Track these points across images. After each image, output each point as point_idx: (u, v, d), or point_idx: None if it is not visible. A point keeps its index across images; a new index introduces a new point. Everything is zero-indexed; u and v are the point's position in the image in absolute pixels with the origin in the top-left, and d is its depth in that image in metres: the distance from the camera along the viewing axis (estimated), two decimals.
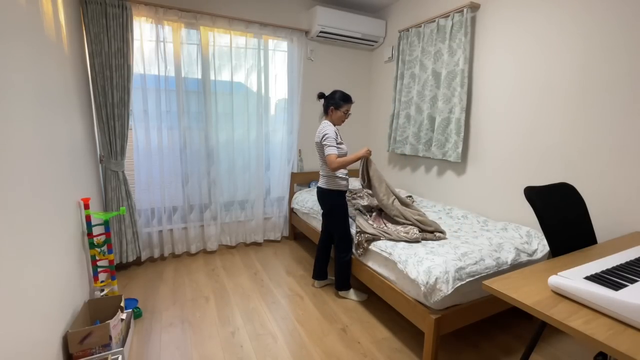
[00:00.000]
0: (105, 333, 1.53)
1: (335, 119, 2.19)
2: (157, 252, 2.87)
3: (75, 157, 1.84)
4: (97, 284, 1.92)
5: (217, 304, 2.20)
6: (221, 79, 2.90)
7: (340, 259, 2.21)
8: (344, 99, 2.18)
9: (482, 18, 2.41)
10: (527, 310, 0.93)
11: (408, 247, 1.79)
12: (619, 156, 1.74)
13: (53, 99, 1.53)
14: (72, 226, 1.70)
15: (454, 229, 2.14)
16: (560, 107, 1.98)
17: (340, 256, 2.20)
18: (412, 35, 2.91)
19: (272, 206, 3.34)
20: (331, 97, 2.19)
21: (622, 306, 0.83)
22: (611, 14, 1.73)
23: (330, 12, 3.03)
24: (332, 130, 2.11)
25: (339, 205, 2.21)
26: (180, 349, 1.77)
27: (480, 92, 2.46)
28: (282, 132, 3.25)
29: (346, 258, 2.19)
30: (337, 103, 2.16)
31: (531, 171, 2.15)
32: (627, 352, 0.74)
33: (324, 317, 2.09)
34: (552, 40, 1.99)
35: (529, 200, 1.35)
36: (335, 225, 2.21)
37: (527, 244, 1.89)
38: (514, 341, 1.87)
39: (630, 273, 1.03)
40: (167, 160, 2.80)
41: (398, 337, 1.91)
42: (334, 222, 2.23)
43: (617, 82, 1.72)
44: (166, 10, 2.57)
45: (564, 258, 1.24)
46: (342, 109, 2.17)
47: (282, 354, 1.74)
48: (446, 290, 1.48)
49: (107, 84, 2.36)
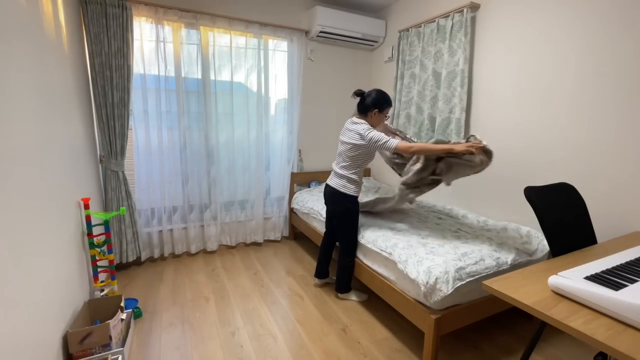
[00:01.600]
0: (105, 333, 1.53)
1: (376, 122, 2.05)
2: (157, 252, 2.87)
3: (75, 157, 1.84)
4: (97, 284, 1.92)
5: (217, 304, 2.20)
6: (221, 79, 2.90)
7: (345, 262, 2.17)
8: (388, 100, 2.05)
9: (482, 18, 2.41)
10: (527, 310, 0.93)
11: (408, 247, 1.79)
12: (619, 156, 1.74)
13: (53, 99, 1.53)
14: (72, 226, 1.70)
15: (454, 229, 2.14)
16: (560, 107, 1.98)
17: (345, 260, 2.16)
18: (412, 35, 2.91)
19: (272, 206, 3.34)
20: (373, 98, 2.02)
21: (622, 306, 0.83)
22: (612, 13, 1.73)
23: (330, 12, 3.03)
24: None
25: (355, 211, 2.11)
26: (180, 349, 1.77)
27: (480, 92, 2.46)
28: (282, 132, 3.25)
29: (351, 262, 2.16)
30: (382, 106, 2.02)
31: (531, 171, 2.15)
32: (627, 352, 0.74)
33: (324, 317, 2.09)
34: (553, 40, 1.99)
35: (528, 200, 1.35)
36: (346, 229, 2.12)
37: (527, 244, 1.89)
38: (514, 341, 1.87)
39: (630, 273, 1.03)
40: (167, 160, 2.80)
41: (398, 337, 1.91)
42: (345, 225, 2.12)
43: (617, 82, 1.72)
44: (166, 10, 2.57)
45: (564, 258, 1.24)
46: (385, 112, 2.06)
47: (282, 354, 1.74)
48: (446, 290, 1.48)
49: (107, 84, 2.36)
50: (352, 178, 2.07)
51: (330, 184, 2.15)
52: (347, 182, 2.07)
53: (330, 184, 2.15)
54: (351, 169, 2.06)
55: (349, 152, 2.03)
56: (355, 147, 1.99)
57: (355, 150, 2.00)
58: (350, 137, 2.02)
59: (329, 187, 2.16)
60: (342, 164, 2.09)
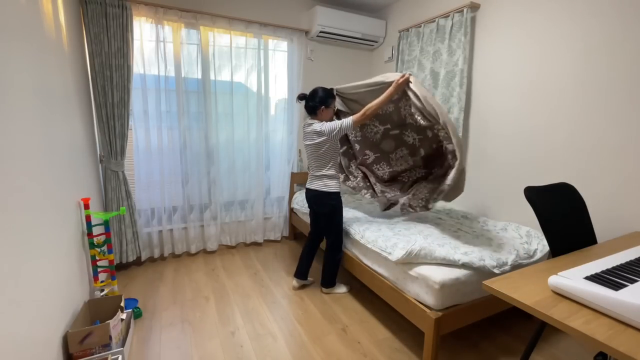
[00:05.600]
0: (105, 333, 1.53)
1: (326, 117, 2.13)
2: (157, 252, 2.87)
3: (75, 157, 1.84)
4: (97, 284, 1.92)
5: (217, 304, 2.20)
6: (221, 79, 2.89)
7: (336, 258, 2.25)
8: (331, 94, 2.13)
9: (482, 18, 2.41)
10: (527, 310, 0.93)
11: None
12: (618, 156, 1.74)
13: (53, 99, 1.53)
14: (72, 226, 1.70)
15: (454, 229, 2.14)
16: (560, 107, 1.98)
17: (337, 255, 2.25)
18: (412, 35, 2.91)
19: (272, 206, 3.34)
20: (318, 96, 2.10)
21: (622, 306, 0.83)
22: (612, 13, 1.73)
23: (330, 12, 3.03)
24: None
25: (340, 207, 2.19)
26: (180, 348, 1.77)
27: (479, 92, 2.46)
28: (282, 132, 3.25)
29: (339, 256, 2.26)
30: (327, 101, 2.11)
31: (531, 171, 2.15)
32: (627, 352, 0.74)
33: (324, 317, 2.09)
34: (553, 40, 1.99)
35: (529, 200, 1.35)
36: (334, 226, 2.20)
37: (527, 244, 1.89)
38: (514, 341, 1.87)
39: (630, 273, 1.03)
40: (167, 160, 2.80)
41: (398, 337, 1.91)
42: (334, 222, 2.20)
43: (617, 82, 1.72)
44: (166, 10, 2.57)
45: (564, 258, 1.24)
46: (332, 106, 2.14)
47: (282, 354, 1.74)
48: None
49: (107, 84, 2.36)
50: (329, 174, 2.14)
51: (311, 187, 2.20)
52: (326, 180, 2.14)
53: (311, 187, 2.20)
54: (325, 166, 2.13)
55: (316, 152, 2.11)
56: (319, 145, 2.07)
57: (321, 148, 2.08)
58: (310, 138, 2.11)
59: (310, 190, 2.20)
60: (315, 166, 2.16)
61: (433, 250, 1.66)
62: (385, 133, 2.31)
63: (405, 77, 1.84)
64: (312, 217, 2.36)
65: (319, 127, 2.04)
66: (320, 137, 2.05)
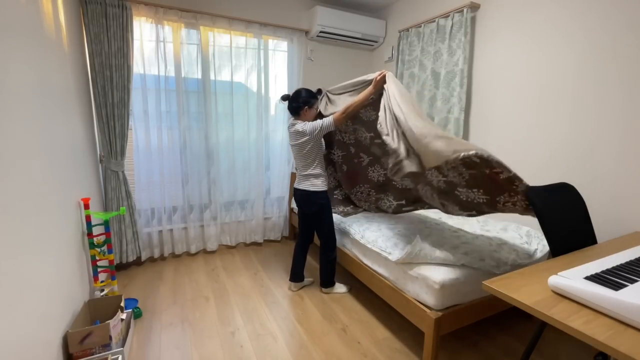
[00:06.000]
0: (105, 333, 1.53)
1: (309, 118, 2.13)
2: (157, 252, 2.87)
3: (75, 157, 1.84)
4: (97, 284, 1.92)
5: (217, 304, 2.20)
6: (221, 79, 2.89)
7: (330, 257, 2.27)
8: (314, 95, 2.14)
9: (482, 18, 2.41)
10: (527, 310, 0.93)
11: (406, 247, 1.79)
12: (619, 156, 1.74)
13: (53, 99, 1.53)
14: (72, 226, 1.70)
15: (454, 229, 2.14)
16: (560, 107, 1.98)
17: (331, 254, 2.26)
18: (412, 35, 2.91)
19: (272, 206, 3.34)
20: (301, 97, 2.11)
21: (622, 306, 0.83)
22: (612, 12, 1.73)
23: (330, 12, 3.03)
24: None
25: (328, 205, 2.21)
26: (180, 349, 1.77)
27: (479, 92, 2.46)
28: (282, 132, 3.25)
29: (333, 255, 2.27)
30: (309, 102, 2.11)
31: (531, 171, 2.15)
32: (627, 352, 0.74)
33: (324, 317, 2.09)
34: (553, 40, 1.99)
35: (529, 200, 1.34)
36: (326, 224, 2.21)
37: (527, 244, 1.89)
38: (514, 341, 1.87)
39: (630, 273, 1.03)
40: (167, 160, 2.80)
41: (398, 337, 1.91)
42: (324, 221, 2.20)
43: (618, 82, 1.72)
44: (166, 10, 2.57)
45: (564, 258, 1.24)
46: (315, 106, 2.15)
47: (282, 354, 1.74)
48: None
49: (107, 84, 2.36)
50: (315, 173, 2.15)
51: (299, 187, 2.20)
52: (313, 179, 2.15)
53: (299, 187, 2.20)
54: (311, 165, 2.14)
55: (300, 151, 2.12)
56: (302, 145, 2.09)
57: (305, 147, 2.09)
58: (294, 139, 2.12)
59: (299, 190, 2.20)
60: (301, 165, 2.17)
61: (433, 250, 1.66)
62: (371, 140, 2.26)
63: (382, 74, 1.80)
64: (301, 217, 2.35)
65: (301, 127, 2.06)
66: (303, 137, 2.06)
